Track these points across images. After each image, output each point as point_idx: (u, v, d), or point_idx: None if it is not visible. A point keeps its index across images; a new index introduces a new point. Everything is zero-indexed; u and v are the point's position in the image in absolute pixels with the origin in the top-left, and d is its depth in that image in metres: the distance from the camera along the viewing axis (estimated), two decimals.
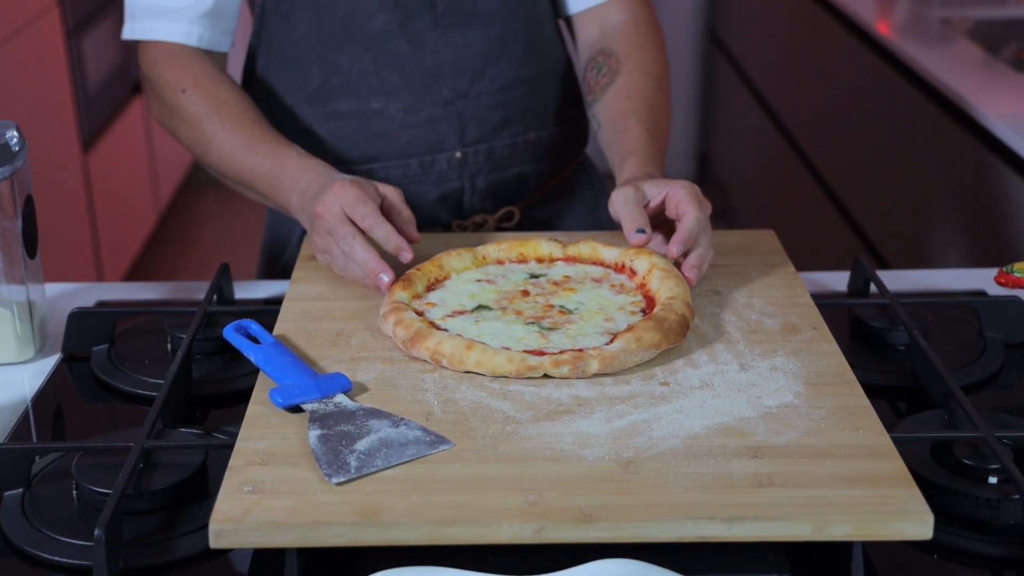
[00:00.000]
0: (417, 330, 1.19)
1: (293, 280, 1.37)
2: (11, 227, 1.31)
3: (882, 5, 3.07)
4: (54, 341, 1.39)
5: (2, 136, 1.29)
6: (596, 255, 1.37)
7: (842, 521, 0.94)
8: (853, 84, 3.02)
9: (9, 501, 1.08)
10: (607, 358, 1.15)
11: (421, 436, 1.05)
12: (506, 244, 1.39)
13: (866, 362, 1.31)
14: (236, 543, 0.94)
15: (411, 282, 1.30)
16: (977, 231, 2.35)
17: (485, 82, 1.58)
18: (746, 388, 1.14)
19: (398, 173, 1.58)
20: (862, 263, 1.45)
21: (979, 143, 2.29)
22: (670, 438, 1.05)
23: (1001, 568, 1.02)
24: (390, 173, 1.58)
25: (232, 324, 1.25)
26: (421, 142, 1.57)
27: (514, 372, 1.14)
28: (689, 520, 0.94)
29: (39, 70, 3.07)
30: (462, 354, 1.16)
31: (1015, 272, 1.29)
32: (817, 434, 1.06)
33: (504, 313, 1.26)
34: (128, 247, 3.82)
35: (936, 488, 1.06)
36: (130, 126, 3.84)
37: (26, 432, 1.22)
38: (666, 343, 1.17)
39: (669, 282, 1.26)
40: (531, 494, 0.97)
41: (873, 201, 2.95)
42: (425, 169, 1.59)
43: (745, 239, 1.48)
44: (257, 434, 1.06)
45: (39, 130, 2.97)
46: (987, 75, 2.45)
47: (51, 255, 1.74)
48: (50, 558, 1.01)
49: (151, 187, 4.09)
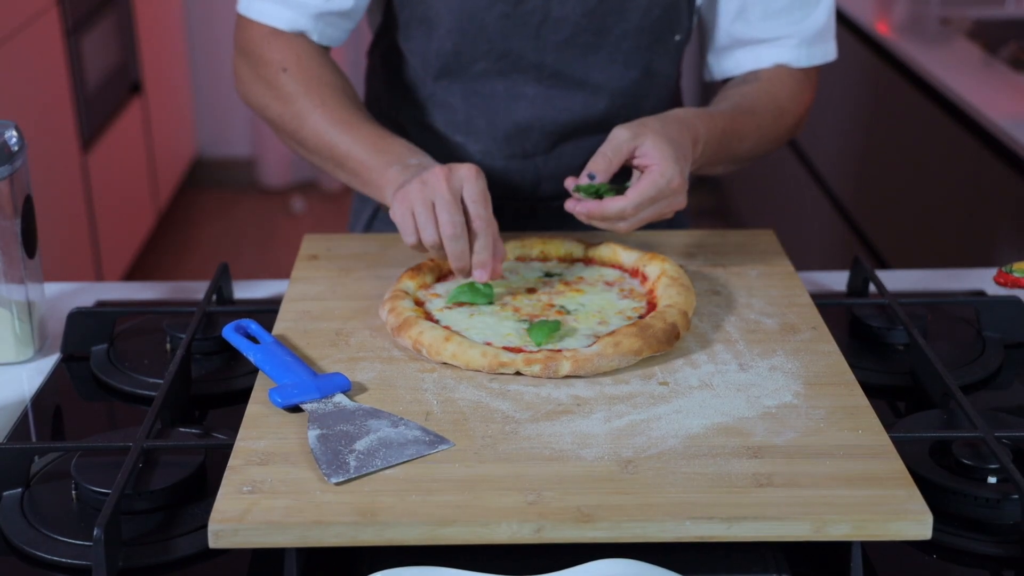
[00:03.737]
0: (405, 319, 1.20)
1: (292, 280, 1.37)
2: (10, 227, 1.31)
3: (881, 5, 3.07)
4: (53, 341, 1.39)
5: (1, 136, 1.29)
6: (615, 258, 1.37)
7: (841, 521, 0.95)
8: (852, 84, 3.02)
9: (8, 501, 1.08)
10: (580, 361, 1.15)
11: (420, 436, 1.05)
12: (528, 241, 1.39)
13: (865, 362, 1.31)
14: (235, 543, 0.94)
15: (420, 272, 1.31)
16: (976, 231, 2.35)
17: (570, 145, 1.54)
18: (745, 388, 1.14)
19: None
20: (861, 263, 1.45)
21: (978, 143, 2.29)
22: (669, 438, 1.05)
23: (1000, 568, 1.02)
24: None
25: (231, 324, 1.25)
26: (494, 186, 1.43)
27: (487, 367, 1.15)
28: (688, 520, 0.94)
29: (38, 70, 3.06)
30: (440, 345, 1.17)
31: (1014, 272, 1.29)
32: (816, 434, 1.06)
33: (502, 308, 1.26)
34: (127, 247, 3.82)
35: (935, 488, 1.06)
36: (129, 126, 3.83)
37: (25, 432, 1.22)
38: (648, 350, 1.17)
39: (672, 290, 1.26)
40: (530, 494, 0.97)
41: (872, 201, 2.95)
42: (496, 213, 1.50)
43: (745, 239, 1.48)
44: (256, 434, 1.06)
45: (38, 130, 2.97)
46: (986, 75, 2.45)
47: (50, 255, 1.75)
48: (49, 558, 1.01)
49: (150, 187, 4.09)
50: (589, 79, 1.51)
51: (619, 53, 1.50)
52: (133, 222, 3.91)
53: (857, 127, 3.05)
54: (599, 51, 1.49)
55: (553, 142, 1.53)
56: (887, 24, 2.89)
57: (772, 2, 1.51)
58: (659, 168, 1.27)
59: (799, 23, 1.52)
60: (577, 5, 1.45)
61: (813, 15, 1.52)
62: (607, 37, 1.48)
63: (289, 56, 1.46)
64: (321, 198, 4.79)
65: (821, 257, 3.21)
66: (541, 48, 1.48)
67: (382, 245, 1.47)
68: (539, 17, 1.46)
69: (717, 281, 1.36)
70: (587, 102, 1.52)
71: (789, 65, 1.54)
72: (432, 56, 1.51)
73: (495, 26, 1.47)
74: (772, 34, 1.52)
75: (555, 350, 1.17)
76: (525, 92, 1.51)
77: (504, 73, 1.50)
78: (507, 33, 1.47)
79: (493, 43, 1.48)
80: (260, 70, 1.48)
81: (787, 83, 1.53)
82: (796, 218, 3.56)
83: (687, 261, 1.41)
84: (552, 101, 1.51)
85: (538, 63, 1.49)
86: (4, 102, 2.78)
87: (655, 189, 1.26)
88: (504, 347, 1.18)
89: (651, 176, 1.27)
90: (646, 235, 1.49)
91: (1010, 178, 2.17)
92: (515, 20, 1.46)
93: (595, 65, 1.50)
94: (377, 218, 1.69)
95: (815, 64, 1.55)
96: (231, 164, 4.91)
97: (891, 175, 2.81)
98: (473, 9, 1.46)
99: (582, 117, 1.52)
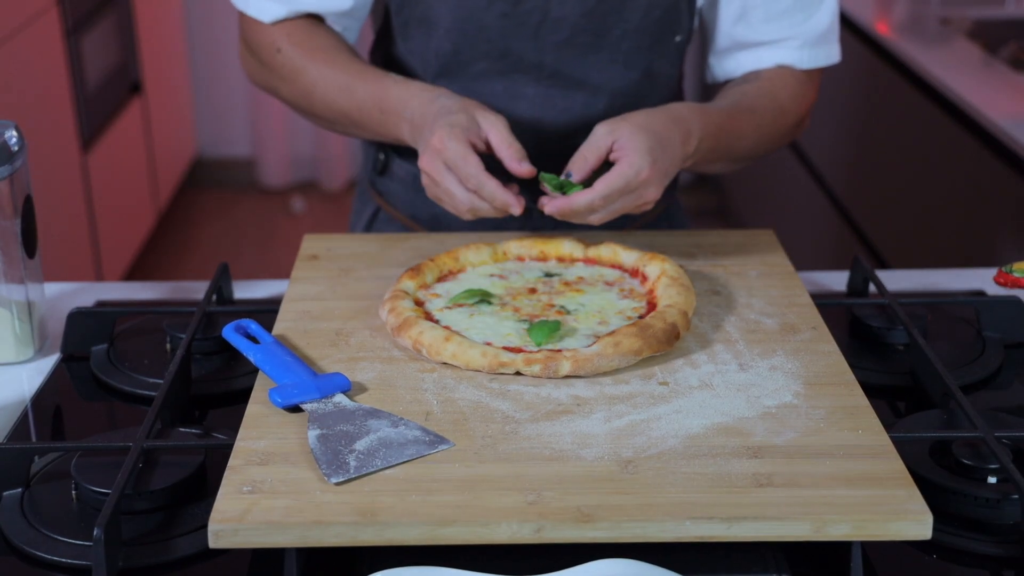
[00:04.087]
0: (405, 319, 1.20)
1: (292, 279, 1.37)
2: (10, 227, 1.31)
3: (881, 5, 3.07)
4: (53, 341, 1.39)
5: (1, 136, 1.29)
6: (615, 258, 1.37)
7: (841, 521, 0.95)
8: (852, 84, 3.02)
9: (8, 501, 1.08)
10: (580, 361, 1.15)
11: (420, 436, 1.05)
12: (528, 241, 1.39)
13: (865, 362, 1.31)
14: (235, 543, 0.94)
15: (420, 272, 1.31)
16: (976, 231, 2.35)
17: (569, 146, 1.49)
18: (745, 388, 1.14)
19: None
20: (861, 263, 1.45)
21: (978, 143, 2.29)
22: (669, 438, 1.05)
23: (1000, 568, 1.02)
24: None
25: (231, 324, 1.25)
26: None
27: (487, 367, 1.15)
28: (688, 520, 0.94)
29: (38, 70, 3.06)
30: (439, 345, 1.17)
31: (1014, 272, 1.29)
32: (816, 434, 1.06)
33: (502, 309, 1.26)
34: (127, 247, 3.82)
35: (935, 488, 1.06)
36: (129, 126, 3.83)
37: (25, 432, 1.22)
38: (648, 350, 1.17)
39: (672, 290, 1.26)
40: (530, 494, 0.97)
41: (872, 201, 2.95)
42: None
43: (744, 239, 1.48)
44: (256, 434, 1.06)
45: (38, 130, 2.97)
46: (986, 75, 2.45)
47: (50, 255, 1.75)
48: (49, 558, 1.01)
49: (150, 187, 4.09)
50: (589, 79, 1.51)
51: (619, 54, 1.50)
52: (133, 222, 3.91)
53: (857, 127, 3.05)
54: (599, 51, 1.49)
55: (552, 142, 1.53)
56: (887, 24, 2.89)
57: (774, 4, 1.51)
58: (628, 159, 1.27)
59: (801, 25, 1.52)
60: (576, 5, 1.45)
61: (815, 17, 1.52)
62: (607, 38, 1.48)
63: (279, 36, 1.50)
64: (321, 198, 4.79)
65: (821, 257, 3.21)
66: (540, 48, 1.48)
67: (382, 245, 1.47)
68: (538, 17, 1.46)
69: (717, 281, 1.36)
70: (587, 102, 1.52)
71: (791, 66, 1.53)
72: (431, 56, 1.51)
73: (494, 26, 1.46)
74: (774, 36, 1.52)
75: (555, 350, 1.17)
76: (525, 92, 1.51)
77: (504, 73, 1.50)
78: (506, 33, 1.47)
79: (492, 43, 1.48)
80: (258, 54, 1.53)
81: (789, 83, 1.53)
82: (796, 218, 3.56)
83: (687, 261, 1.41)
84: (552, 101, 1.51)
85: (537, 63, 1.49)
86: (4, 102, 2.78)
87: (623, 180, 1.27)
88: (504, 347, 1.18)
89: (620, 167, 1.27)
90: (646, 235, 1.49)
91: (1010, 178, 2.17)
92: (514, 20, 1.46)
93: (595, 65, 1.50)
94: (377, 218, 1.69)
95: (817, 66, 1.55)
96: (231, 164, 4.91)
97: (891, 175, 2.81)
98: (472, 9, 1.46)
99: (582, 117, 1.52)
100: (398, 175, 1.64)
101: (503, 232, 1.50)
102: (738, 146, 1.46)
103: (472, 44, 1.48)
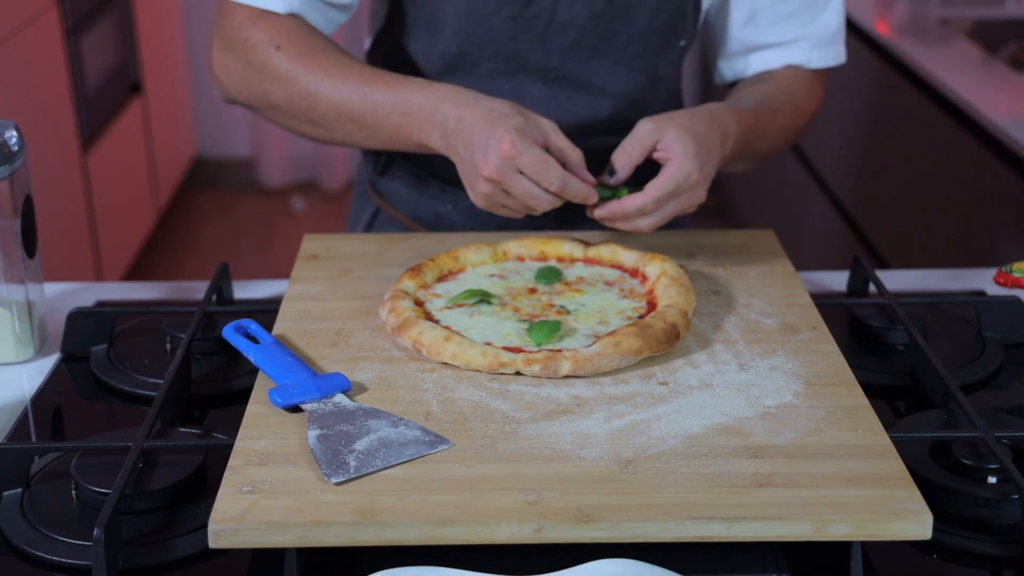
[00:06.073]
0: (405, 319, 1.20)
1: (292, 280, 1.37)
2: (10, 227, 1.31)
3: (881, 5, 3.07)
4: (53, 341, 1.39)
5: (1, 136, 1.29)
6: (615, 258, 1.37)
7: (841, 521, 0.95)
8: (852, 84, 3.02)
9: (8, 501, 1.08)
10: (580, 361, 1.15)
11: (420, 436, 1.05)
12: (528, 241, 1.39)
13: (865, 362, 1.31)
14: (235, 543, 0.94)
15: (419, 272, 1.31)
16: (976, 231, 2.35)
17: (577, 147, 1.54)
18: (745, 388, 1.14)
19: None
20: (861, 263, 1.45)
21: (978, 143, 2.29)
22: (669, 438, 1.05)
23: (1000, 568, 1.02)
24: (462, 200, 1.57)
25: (231, 324, 1.25)
26: None
27: (487, 367, 1.15)
28: (688, 520, 0.94)
29: (38, 70, 3.06)
30: (440, 345, 1.17)
31: (1014, 272, 1.29)
32: (816, 434, 1.06)
33: (502, 309, 1.26)
34: (127, 247, 3.82)
35: (935, 488, 1.06)
36: (129, 126, 3.83)
37: (25, 432, 1.22)
38: (648, 350, 1.17)
39: (672, 290, 1.26)
40: (530, 494, 0.97)
41: (873, 201, 2.95)
42: None
43: (744, 239, 1.48)
44: (256, 434, 1.06)
45: (38, 130, 2.97)
46: (986, 75, 2.45)
47: (50, 255, 1.74)
48: (49, 558, 1.01)
49: (150, 187, 4.09)
50: (594, 82, 1.51)
51: (624, 57, 1.50)
52: (133, 222, 3.91)
53: (857, 127, 3.05)
54: (605, 55, 1.49)
55: None
56: (887, 24, 2.89)
57: (782, 6, 1.51)
58: (676, 162, 1.27)
59: (808, 26, 1.52)
60: (583, 9, 1.45)
61: (822, 18, 1.52)
62: (613, 41, 1.48)
63: (279, 34, 1.39)
64: (321, 198, 4.80)
65: (821, 257, 3.21)
66: (547, 51, 1.48)
67: (382, 245, 1.47)
68: (545, 20, 1.46)
69: (717, 281, 1.36)
70: (592, 104, 1.52)
71: (801, 66, 1.54)
72: (436, 56, 1.51)
73: (501, 28, 1.46)
74: (783, 38, 1.53)
75: (555, 350, 1.17)
76: (530, 93, 1.51)
77: (509, 74, 1.50)
78: (513, 35, 1.47)
79: (499, 45, 1.48)
80: (249, 55, 1.40)
81: (802, 82, 1.54)
82: (796, 218, 3.56)
83: (687, 261, 1.41)
84: (557, 102, 1.51)
85: (544, 65, 1.49)
86: (4, 102, 2.78)
87: (673, 183, 1.27)
88: (504, 347, 1.18)
89: (668, 171, 1.27)
90: (646, 235, 1.49)
91: (1010, 178, 2.17)
92: (521, 23, 1.46)
93: (601, 68, 1.50)
94: (377, 219, 1.69)
95: (825, 66, 1.56)
96: (231, 164, 4.92)
97: (891, 175, 2.81)
98: (480, 11, 1.45)
99: (586, 119, 1.52)
100: (400, 175, 1.64)
101: (503, 232, 1.50)
102: (761, 146, 1.47)
103: (479, 45, 1.48)
